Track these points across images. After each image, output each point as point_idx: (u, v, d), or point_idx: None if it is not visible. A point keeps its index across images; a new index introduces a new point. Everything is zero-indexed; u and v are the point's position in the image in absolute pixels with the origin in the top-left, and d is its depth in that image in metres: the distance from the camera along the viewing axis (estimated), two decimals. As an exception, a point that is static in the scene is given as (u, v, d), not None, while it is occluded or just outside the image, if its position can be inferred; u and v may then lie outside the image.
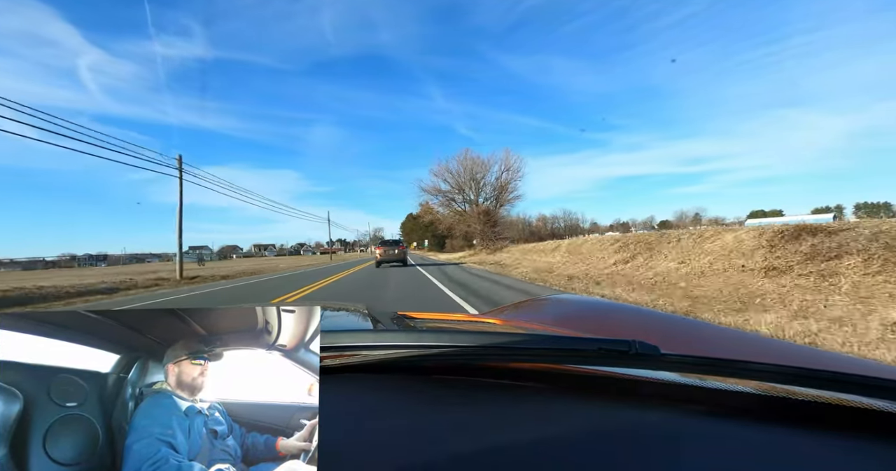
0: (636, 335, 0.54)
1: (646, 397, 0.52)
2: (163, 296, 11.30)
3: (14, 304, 10.03)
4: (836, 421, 0.46)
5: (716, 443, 0.43)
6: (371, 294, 8.33)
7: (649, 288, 7.49)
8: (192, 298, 10.55)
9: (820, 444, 0.43)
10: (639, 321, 1.17)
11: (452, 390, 0.55)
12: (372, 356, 0.56)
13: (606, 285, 8.28)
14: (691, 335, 0.99)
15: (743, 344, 0.91)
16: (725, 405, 0.50)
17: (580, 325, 1.18)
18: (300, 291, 9.96)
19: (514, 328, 1.05)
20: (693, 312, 5.08)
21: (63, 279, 18.81)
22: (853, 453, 0.42)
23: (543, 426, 0.45)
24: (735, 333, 1.04)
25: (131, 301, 10.38)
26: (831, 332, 3.78)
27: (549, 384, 0.57)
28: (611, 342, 0.51)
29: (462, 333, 0.64)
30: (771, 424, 0.46)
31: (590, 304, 1.51)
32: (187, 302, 9.51)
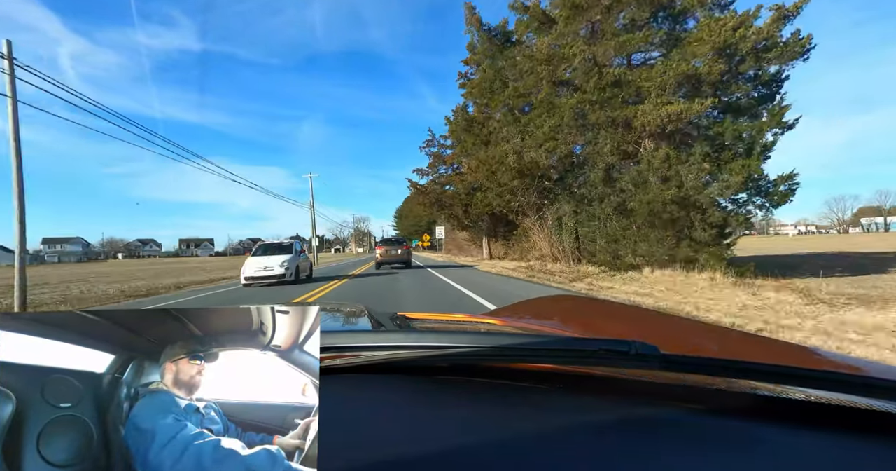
0: (636, 335, 0.54)
1: (646, 397, 0.52)
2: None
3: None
4: (836, 421, 0.46)
5: (716, 443, 0.43)
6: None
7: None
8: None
9: (820, 444, 0.42)
10: (639, 321, 1.16)
11: (453, 391, 0.55)
12: (372, 357, 0.56)
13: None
14: (691, 335, 0.99)
15: (743, 344, 0.90)
16: (725, 405, 0.50)
17: (580, 325, 1.18)
18: None
19: (514, 329, 1.04)
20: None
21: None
22: (853, 453, 0.41)
23: (544, 426, 0.45)
24: (735, 334, 1.04)
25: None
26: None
27: (550, 384, 0.57)
28: (611, 343, 0.51)
29: (462, 334, 0.64)
30: (771, 424, 0.45)
31: (590, 304, 1.51)
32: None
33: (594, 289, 8.44)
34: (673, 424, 0.46)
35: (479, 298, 7.31)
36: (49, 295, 12.75)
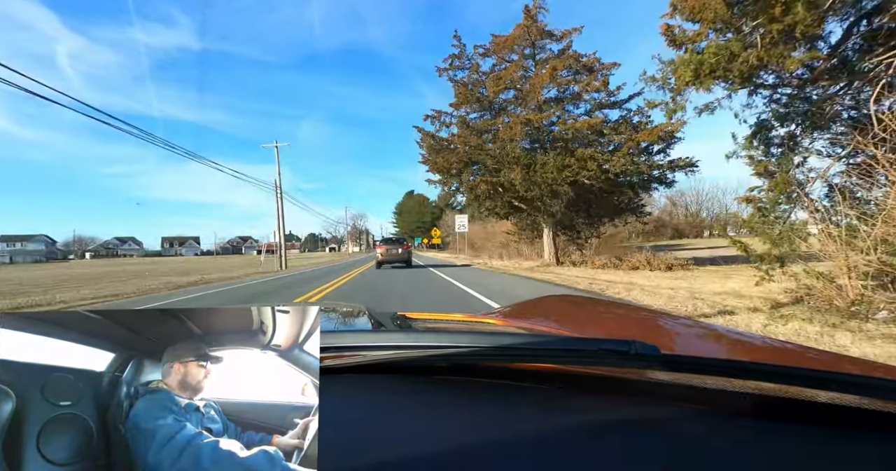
0: (636, 335, 0.54)
1: (646, 397, 0.52)
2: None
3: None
4: (836, 421, 0.46)
5: (716, 443, 0.43)
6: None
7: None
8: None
9: (819, 444, 0.42)
10: (639, 321, 1.17)
11: (453, 391, 0.55)
12: (372, 357, 0.56)
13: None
14: (691, 335, 0.99)
15: (742, 344, 0.90)
16: (725, 406, 0.50)
17: (580, 325, 1.18)
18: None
19: (514, 328, 1.05)
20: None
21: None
22: (854, 454, 0.41)
23: (544, 426, 0.45)
24: (735, 334, 1.04)
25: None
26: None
27: (550, 384, 0.57)
28: (611, 343, 0.51)
29: (462, 334, 0.64)
30: (770, 424, 0.45)
31: (589, 303, 1.51)
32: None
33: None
34: (673, 424, 0.46)
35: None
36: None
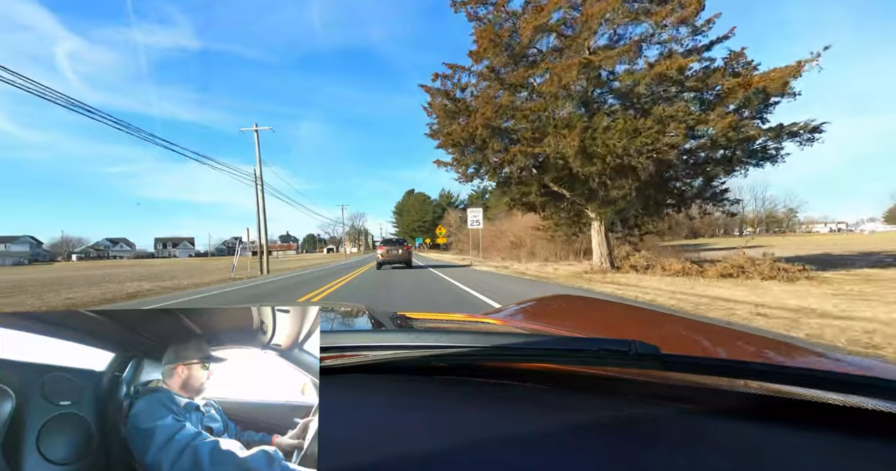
0: (636, 335, 0.53)
1: (646, 397, 0.52)
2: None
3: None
4: (836, 421, 0.45)
5: (716, 443, 0.43)
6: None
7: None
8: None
9: (819, 444, 0.42)
10: (639, 321, 1.17)
11: (453, 390, 0.55)
12: (373, 357, 0.56)
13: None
14: (691, 335, 0.99)
15: (742, 344, 0.90)
16: (725, 406, 0.50)
17: (580, 324, 1.18)
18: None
19: (514, 328, 1.05)
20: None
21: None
22: (853, 453, 0.41)
23: (543, 426, 0.45)
24: (735, 334, 1.04)
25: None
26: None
27: (549, 384, 0.57)
28: (611, 342, 0.51)
29: (462, 334, 0.64)
30: (770, 424, 0.45)
31: (589, 303, 1.51)
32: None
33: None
34: (673, 424, 0.46)
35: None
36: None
